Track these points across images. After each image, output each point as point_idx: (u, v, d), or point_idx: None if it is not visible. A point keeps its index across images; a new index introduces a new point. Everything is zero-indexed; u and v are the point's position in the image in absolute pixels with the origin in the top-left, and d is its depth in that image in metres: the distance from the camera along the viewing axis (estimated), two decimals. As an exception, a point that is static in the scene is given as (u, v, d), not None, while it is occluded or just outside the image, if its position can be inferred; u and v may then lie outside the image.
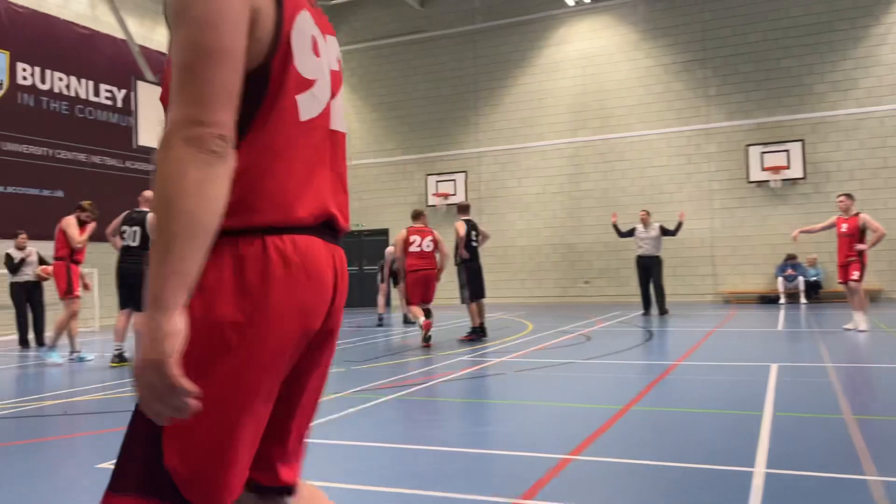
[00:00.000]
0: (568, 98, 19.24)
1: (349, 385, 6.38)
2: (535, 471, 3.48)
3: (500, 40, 19.93)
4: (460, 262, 9.94)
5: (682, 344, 8.78)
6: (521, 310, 16.20)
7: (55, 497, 3.33)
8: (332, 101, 1.44)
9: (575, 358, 7.72)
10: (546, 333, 10.49)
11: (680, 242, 17.87)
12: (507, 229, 19.77)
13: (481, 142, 20.14)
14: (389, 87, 21.15)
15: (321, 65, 1.39)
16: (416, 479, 3.38)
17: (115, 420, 5.24)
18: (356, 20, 21.47)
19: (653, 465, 3.56)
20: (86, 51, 15.27)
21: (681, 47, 18.25)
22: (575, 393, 5.76)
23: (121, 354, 8.25)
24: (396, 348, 9.58)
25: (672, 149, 18.29)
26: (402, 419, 4.94)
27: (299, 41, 1.32)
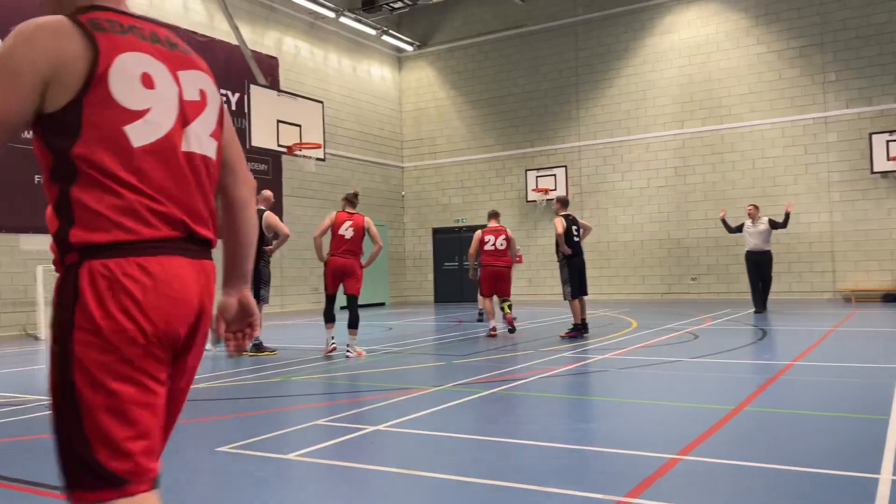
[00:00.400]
0: (674, 89, 18.65)
1: (450, 378, 6.46)
2: (641, 469, 3.42)
3: (602, 32, 19.56)
4: (562, 258, 9.83)
5: (798, 343, 8.35)
6: (625, 307, 15.86)
7: (181, 477, 3.55)
8: (186, 127, 1.61)
9: (682, 356, 7.49)
10: (651, 331, 10.23)
11: (796, 237, 16.99)
12: (610, 224, 19.39)
13: (582, 136, 19.83)
14: (488, 84, 21.18)
15: (157, 95, 1.56)
16: (519, 474, 3.39)
17: (233, 406, 5.54)
18: (456, 18, 21.62)
19: (767, 468, 3.41)
20: (203, 57, 16.03)
21: (796, 32, 17.30)
22: (682, 392, 5.59)
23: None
24: (497, 343, 9.61)
25: (786, 139, 17.39)
26: (504, 413, 4.96)
27: (120, 79, 1.51)
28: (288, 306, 17.97)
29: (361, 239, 8.35)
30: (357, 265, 8.31)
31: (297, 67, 18.47)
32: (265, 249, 8.68)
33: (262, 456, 3.84)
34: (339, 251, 8.28)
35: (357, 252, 8.34)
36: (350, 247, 8.27)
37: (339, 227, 8.30)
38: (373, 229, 8.37)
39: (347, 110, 20.38)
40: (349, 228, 8.26)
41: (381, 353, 8.65)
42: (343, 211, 8.46)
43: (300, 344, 9.79)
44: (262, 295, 8.65)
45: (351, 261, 8.28)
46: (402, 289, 22.54)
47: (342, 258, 8.26)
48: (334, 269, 8.27)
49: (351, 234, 8.26)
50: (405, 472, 3.47)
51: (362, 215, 8.44)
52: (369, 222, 8.42)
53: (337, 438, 4.24)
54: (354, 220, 8.34)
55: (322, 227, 8.42)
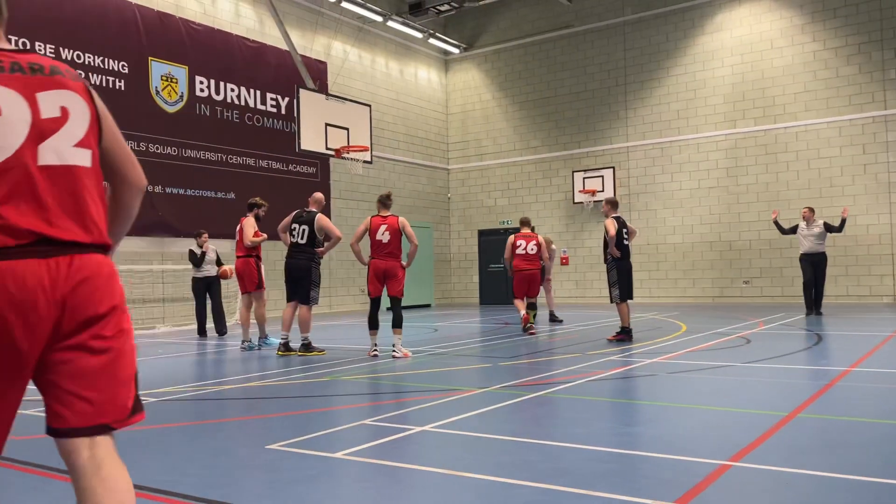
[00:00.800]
0: (725, 88, 18.28)
1: (496, 381, 6.46)
2: (691, 476, 3.37)
3: (651, 31, 19.29)
4: (611, 260, 9.72)
5: (856, 349, 8.10)
6: (674, 310, 15.60)
7: (234, 473, 3.64)
8: (41, 143, 1.77)
9: (733, 361, 7.34)
10: (701, 335, 10.05)
11: (853, 239, 16.49)
12: (659, 226, 19.11)
13: (630, 136, 19.59)
14: (536, 85, 21.10)
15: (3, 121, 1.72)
16: (566, 477, 3.38)
17: (283, 405, 5.64)
18: (503, 20, 21.59)
19: (822, 476, 3.33)
20: (254, 63, 16.48)
21: (853, 28, 16.80)
22: (733, 397, 5.48)
23: (286, 343, 8.84)
24: (543, 346, 9.56)
25: (844, 138, 16.88)
26: (551, 416, 4.94)
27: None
28: (336, 307, 18.19)
29: (399, 240, 8.41)
30: (398, 266, 8.39)
31: (346, 71, 18.70)
32: (316, 251, 8.84)
33: (311, 454, 3.90)
34: (379, 255, 8.39)
35: (396, 254, 8.41)
36: (389, 249, 8.36)
37: (376, 232, 8.40)
38: (408, 229, 8.41)
39: (394, 113, 20.54)
40: (385, 232, 8.34)
41: (426, 354, 8.69)
42: (377, 215, 8.55)
43: (348, 344, 9.90)
44: (312, 296, 8.79)
45: (391, 263, 8.37)
46: (447, 290, 22.59)
47: (382, 261, 8.37)
48: (376, 272, 8.37)
49: (388, 237, 8.34)
50: (451, 473, 3.48)
51: (396, 216, 8.49)
52: (404, 222, 8.45)
53: (384, 438, 4.28)
54: (389, 223, 8.41)
55: (358, 233, 8.53)
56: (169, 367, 8.23)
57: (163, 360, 8.84)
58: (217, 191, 15.47)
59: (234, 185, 15.73)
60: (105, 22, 13.64)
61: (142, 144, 14.10)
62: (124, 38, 13.93)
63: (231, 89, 15.91)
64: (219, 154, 15.56)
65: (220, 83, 15.70)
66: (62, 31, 12.95)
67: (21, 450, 4.15)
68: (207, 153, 15.34)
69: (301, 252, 8.82)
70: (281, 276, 9.29)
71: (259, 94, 16.55)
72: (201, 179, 15.16)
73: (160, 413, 5.33)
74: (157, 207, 14.30)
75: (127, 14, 14.02)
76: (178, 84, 14.85)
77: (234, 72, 15.97)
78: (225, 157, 15.69)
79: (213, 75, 15.55)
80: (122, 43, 13.87)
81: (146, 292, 13.90)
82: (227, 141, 15.72)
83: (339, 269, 17.97)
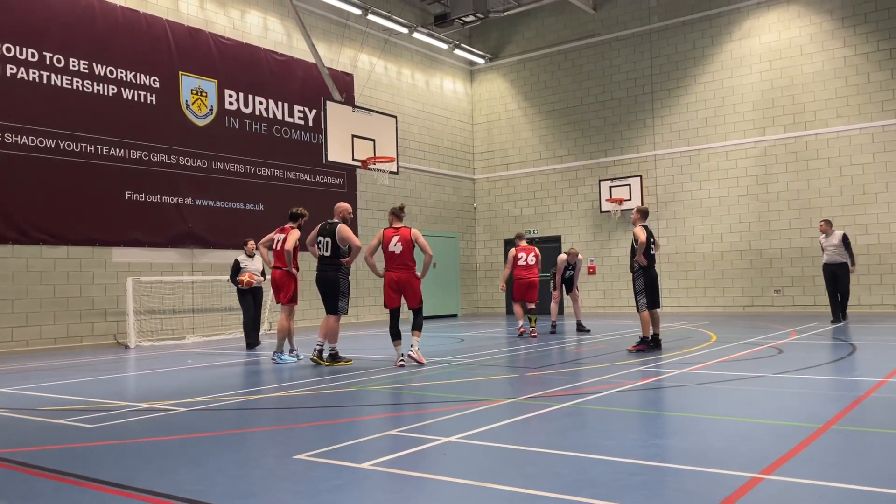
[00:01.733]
0: (754, 95, 18.08)
1: (523, 391, 6.42)
2: (722, 488, 3.32)
3: (678, 38, 19.17)
4: (638, 269, 9.64)
5: (891, 359, 7.92)
6: (704, 320, 15.40)
7: (262, 482, 3.67)
8: None
9: (765, 371, 7.22)
10: (732, 345, 9.90)
11: (888, 248, 16.18)
12: (688, 235, 18.91)
13: (658, 144, 19.45)
14: (561, 94, 21.05)
15: None
16: (594, 489, 3.35)
17: (310, 415, 5.67)
18: (528, 30, 21.61)
19: (857, 490, 3.25)
20: (282, 76, 16.68)
21: (885, 33, 16.52)
22: (765, 408, 5.39)
23: (320, 351, 8.90)
24: (570, 356, 9.50)
25: (877, 144, 16.58)
26: (578, 427, 4.90)
27: None
28: (362, 317, 18.25)
29: (411, 251, 8.45)
30: (412, 278, 8.44)
31: (372, 83, 18.84)
32: (342, 262, 8.87)
33: (337, 464, 3.91)
34: (392, 266, 8.46)
35: (410, 265, 8.46)
36: (402, 260, 8.42)
37: (388, 244, 8.47)
38: (420, 240, 8.44)
39: (420, 124, 20.64)
40: (398, 244, 8.40)
41: (453, 364, 8.68)
42: (390, 227, 8.61)
43: (374, 354, 9.93)
44: (340, 307, 8.84)
45: (405, 274, 8.43)
46: (473, 300, 22.56)
47: (396, 273, 8.44)
48: (391, 283, 8.45)
49: (400, 248, 8.40)
50: (478, 485, 3.47)
51: (409, 228, 8.52)
52: (416, 234, 8.47)
53: (410, 449, 4.28)
54: (401, 235, 8.45)
55: (371, 246, 8.61)
56: (198, 377, 8.32)
57: (191, 371, 8.94)
58: (246, 202, 15.65)
59: (262, 197, 15.91)
60: (136, 38, 13.92)
61: (172, 157, 14.33)
62: (155, 53, 14.20)
63: (259, 102, 16.12)
64: (247, 166, 15.76)
65: (249, 96, 15.91)
66: (95, 47, 13.24)
67: (51, 458, 4.22)
68: (236, 165, 15.54)
69: (328, 264, 8.90)
70: (313, 287, 9.37)
71: (287, 107, 16.73)
72: (230, 191, 15.35)
73: (190, 422, 5.39)
74: (186, 219, 14.50)
75: (158, 30, 14.29)
76: (208, 98, 15.08)
77: (262, 85, 16.18)
78: (253, 168, 15.88)
79: (242, 89, 15.77)
80: (153, 58, 14.14)
81: (176, 303, 14.08)
82: (255, 153, 15.91)
83: (366, 280, 18.04)
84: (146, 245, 13.83)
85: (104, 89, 13.35)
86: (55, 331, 12.55)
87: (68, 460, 4.16)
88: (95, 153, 13.13)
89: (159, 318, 13.77)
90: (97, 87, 13.25)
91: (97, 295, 13.09)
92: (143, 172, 13.81)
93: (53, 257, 12.57)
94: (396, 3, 19.57)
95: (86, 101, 13.04)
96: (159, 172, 14.10)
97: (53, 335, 12.52)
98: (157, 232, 13.99)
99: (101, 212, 13.17)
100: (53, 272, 12.53)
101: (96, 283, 13.10)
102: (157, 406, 6.09)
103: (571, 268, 13.28)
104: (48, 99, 12.53)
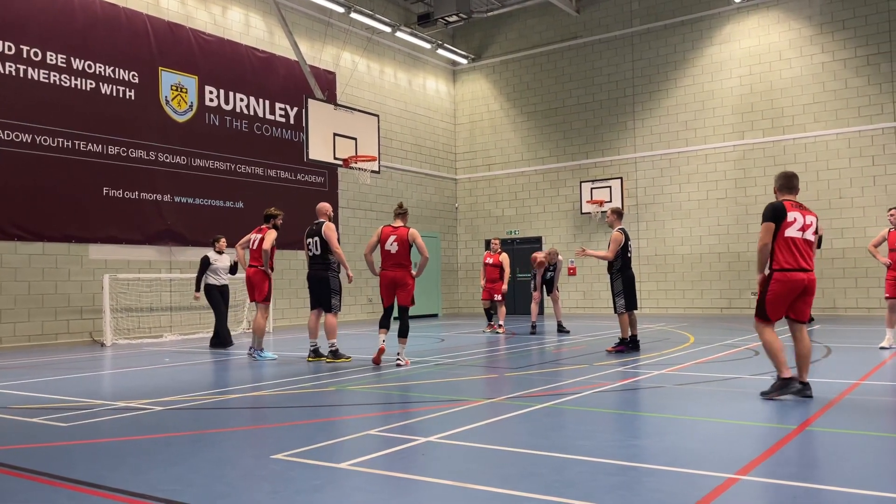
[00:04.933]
0: (733, 99, 18.27)
1: (503, 391, 6.44)
2: (697, 489, 3.34)
3: (659, 42, 19.32)
4: (615, 270, 9.70)
5: (867, 361, 8.04)
6: (682, 321, 15.53)
7: (239, 483, 3.64)
8: None
9: (741, 373, 7.30)
10: (709, 346, 10.00)
11: (863, 251, 16.41)
12: (667, 237, 19.06)
13: (638, 147, 19.58)
14: (543, 96, 21.13)
15: None
16: (572, 489, 3.36)
17: (289, 414, 5.64)
18: (511, 31, 21.66)
19: (831, 491, 3.30)
20: (263, 73, 16.57)
21: (862, 40, 16.77)
22: (741, 410, 5.44)
23: (316, 350, 9.12)
24: (550, 356, 9.53)
25: (853, 150, 16.83)
26: (557, 427, 4.92)
27: None
28: (343, 316, 18.18)
29: (408, 251, 8.47)
30: (407, 276, 8.48)
31: (354, 82, 18.78)
32: (331, 261, 9.05)
33: (316, 464, 3.89)
34: (388, 265, 8.50)
35: (405, 264, 8.49)
36: (397, 259, 8.44)
37: (385, 242, 8.50)
38: (418, 240, 8.44)
39: (402, 123, 20.61)
40: (394, 243, 8.42)
41: (432, 364, 8.68)
42: (389, 225, 8.65)
43: (354, 354, 9.90)
44: (334, 304, 9.07)
45: (400, 273, 8.47)
46: (454, 300, 22.58)
47: (391, 271, 8.48)
48: (386, 282, 8.51)
49: (396, 247, 8.42)
50: (457, 485, 3.47)
51: (407, 228, 8.53)
52: (414, 234, 8.48)
53: (390, 449, 4.27)
54: (398, 234, 8.47)
55: (370, 243, 8.66)
56: (176, 375, 8.24)
57: (168, 369, 8.86)
58: (226, 200, 15.53)
59: (242, 195, 15.80)
60: (116, 32, 13.76)
61: (151, 153, 14.18)
62: (135, 48, 14.04)
63: (240, 99, 16.01)
64: (227, 163, 15.64)
65: (230, 93, 15.79)
66: (74, 41, 13.07)
67: (24, 458, 4.16)
68: (216, 162, 15.41)
69: (317, 263, 9.16)
70: (303, 286, 9.52)
71: (268, 104, 16.63)
72: (210, 189, 15.23)
73: (166, 421, 5.34)
74: (165, 216, 14.36)
75: (138, 24, 14.14)
76: (188, 94, 14.95)
77: (243, 82, 16.07)
78: (234, 166, 15.76)
79: (223, 85, 15.65)
80: (132, 53, 13.99)
81: (154, 301, 13.94)
82: (235, 150, 15.80)
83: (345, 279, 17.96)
84: (123, 242, 13.68)
85: (82, 84, 13.18)
86: (30, 328, 12.37)
87: (42, 459, 4.10)
88: (73, 148, 12.96)
89: (136, 316, 13.62)
90: (75, 81, 13.08)
91: (73, 292, 12.92)
92: (121, 168, 13.66)
93: (28, 253, 12.39)
94: (379, 2, 19.52)
95: (64, 96, 12.87)
96: (138, 169, 13.95)
97: (28, 332, 12.34)
98: (134, 229, 13.84)
99: (77, 208, 13.01)
100: (28, 268, 12.36)
101: (72, 280, 12.94)
102: (132, 405, 6.03)
103: (552, 269, 13.34)
104: (25, 93, 12.35)
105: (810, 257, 5.81)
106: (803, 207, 5.92)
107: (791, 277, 5.67)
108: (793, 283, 5.68)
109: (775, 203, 5.87)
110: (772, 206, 5.84)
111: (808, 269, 5.72)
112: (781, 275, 5.69)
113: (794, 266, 5.69)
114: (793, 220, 5.77)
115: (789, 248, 5.70)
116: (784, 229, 5.76)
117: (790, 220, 5.77)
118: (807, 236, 5.81)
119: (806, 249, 5.78)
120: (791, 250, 5.73)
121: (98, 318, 13.06)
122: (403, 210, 8.71)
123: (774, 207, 5.81)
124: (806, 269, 5.71)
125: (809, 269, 5.73)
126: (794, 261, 5.70)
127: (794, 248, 5.74)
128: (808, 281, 5.72)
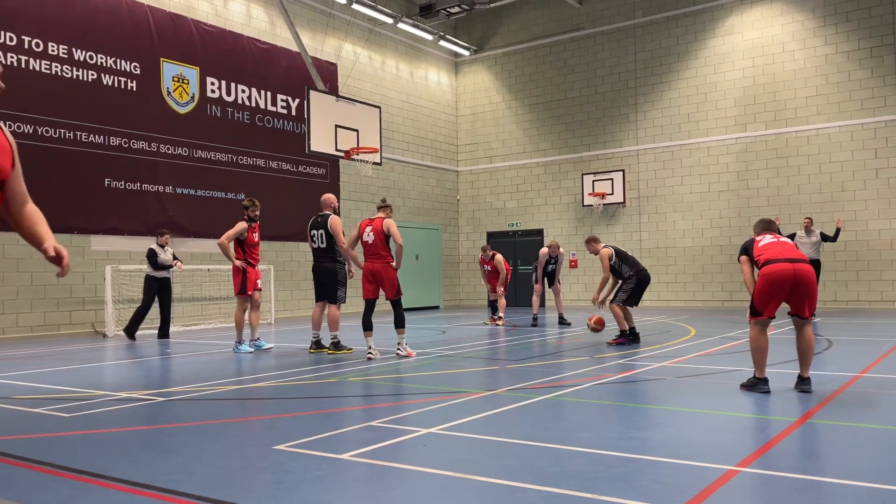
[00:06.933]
0: (736, 91, 18.21)
1: (504, 383, 6.45)
2: (698, 481, 3.35)
3: (662, 34, 19.24)
4: (629, 276, 9.67)
5: (867, 354, 8.04)
6: (683, 314, 15.53)
7: (240, 473, 3.65)
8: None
9: (743, 365, 7.30)
10: (711, 339, 10.00)
11: (865, 244, 16.40)
12: (668, 230, 19.04)
13: (641, 139, 19.54)
14: (545, 87, 21.07)
15: None
16: (573, 481, 3.37)
17: (291, 405, 5.65)
18: (513, 22, 21.59)
19: (833, 483, 3.30)
20: (265, 64, 16.53)
21: (865, 32, 16.70)
22: (742, 402, 5.45)
23: (318, 341, 9.15)
24: (551, 349, 9.54)
25: (856, 142, 16.78)
26: (558, 419, 4.92)
27: None
28: (346, 308, 18.18)
29: (384, 242, 8.42)
30: (387, 268, 8.41)
31: (356, 73, 18.74)
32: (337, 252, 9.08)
33: (317, 455, 3.90)
34: (367, 256, 8.53)
35: (384, 255, 8.43)
36: (374, 250, 8.42)
37: (363, 234, 8.53)
38: (392, 229, 8.41)
39: (404, 115, 20.57)
40: (370, 233, 8.43)
41: (434, 356, 8.69)
42: (368, 218, 8.71)
43: (356, 346, 9.91)
44: (339, 296, 9.10)
45: (378, 265, 8.41)
46: (455, 292, 22.59)
47: (370, 262, 8.48)
48: (365, 273, 8.52)
49: (372, 237, 8.42)
50: (457, 476, 3.48)
51: (382, 218, 8.51)
52: (388, 223, 8.43)
53: (390, 440, 4.28)
54: (374, 224, 8.48)
55: (351, 237, 8.79)
56: (177, 366, 8.25)
57: (170, 360, 8.87)
58: (227, 191, 15.52)
59: (244, 186, 15.78)
60: (117, 23, 13.72)
61: (153, 145, 14.17)
62: (136, 39, 14.01)
63: (242, 90, 15.97)
64: (229, 155, 15.62)
65: (231, 84, 15.76)
66: (74, 32, 13.04)
67: (26, 447, 4.17)
68: (218, 154, 15.40)
69: (324, 255, 9.13)
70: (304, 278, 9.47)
71: (269, 96, 16.60)
72: (211, 180, 15.22)
73: (168, 412, 5.35)
74: (166, 208, 14.36)
75: (139, 15, 14.10)
76: (190, 85, 14.92)
77: (244, 73, 16.03)
78: (235, 157, 15.74)
79: (224, 76, 15.61)
80: (134, 44, 13.95)
81: (156, 292, 13.92)
82: (237, 142, 15.78)
83: (348, 271, 17.99)
84: (125, 233, 13.68)
85: (84, 75, 13.16)
86: (32, 319, 12.39)
87: (44, 450, 4.12)
88: (74, 139, 12.95)
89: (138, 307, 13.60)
90: (77, 72, 13.06)
91: (75, 283, 12.94)
92: (122, 160, 13.65)
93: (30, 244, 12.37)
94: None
95: (65, 87, 12.85)
96: (139, 160, 13.94)
97: (30, 323, 12.36)
98: (136, 220, 13.84)
99: (79, 199, 13.01)
100: (30, 259, 12.36)
101: (74, 271, 12.95)
102: (134, 395, 6.04)
103: (554, 261, 13.33)
104: (26, 84, 12.33)
105: (796, 249, 5.79)
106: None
107: (776, 269, 5.59)
108: (778, 273, 5.58)
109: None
110: (742, 245, 6.14)
111: (795, 260, 5.61)
112: (766, 267, 5.66)
113: (778, 257, 5.64)
114: (761, 238, 5.92)
115: (769, 249, 5.73)
116: (756, 247, 5.89)
117: (759, 240, 5.94)
118: (783, 240, 5.84)
119: (788, 245, 5.77)
120: (771, 249, 5.74)
121: (100, 308, 13.07)
122: (386, 204, 8.72)
123: (743, 244, 6.11)
124: (793, 260, 5.61)
125: (797, 260, 5.62)
126: (778, 253, 5.67)
127: (774, 247, 5.75)
128: (797, 271, 5.55)
